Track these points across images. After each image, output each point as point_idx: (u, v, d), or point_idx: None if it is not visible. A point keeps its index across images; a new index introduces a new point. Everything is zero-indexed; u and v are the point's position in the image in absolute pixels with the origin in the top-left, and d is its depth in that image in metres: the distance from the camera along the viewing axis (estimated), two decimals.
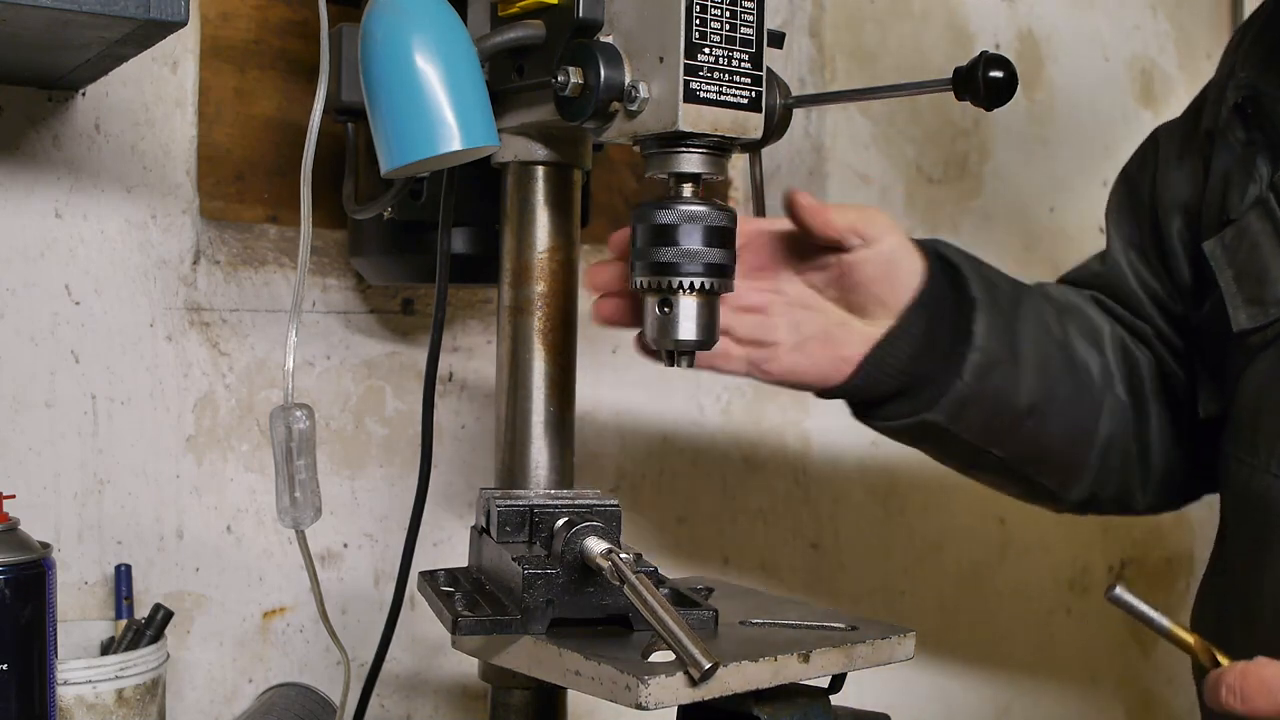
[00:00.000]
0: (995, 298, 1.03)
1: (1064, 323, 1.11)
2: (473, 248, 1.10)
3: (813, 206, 0.97)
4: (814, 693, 0.85)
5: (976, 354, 1.00)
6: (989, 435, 1.06)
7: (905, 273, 0.99)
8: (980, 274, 1.04)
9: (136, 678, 1.05)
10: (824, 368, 1.00)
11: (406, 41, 0.83)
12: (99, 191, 1.15)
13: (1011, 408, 1.04)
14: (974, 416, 1.03)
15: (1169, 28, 1.91)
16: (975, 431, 1.05)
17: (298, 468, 0.87)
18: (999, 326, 1.03)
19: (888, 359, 1.00)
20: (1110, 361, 1.13)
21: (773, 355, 1.01)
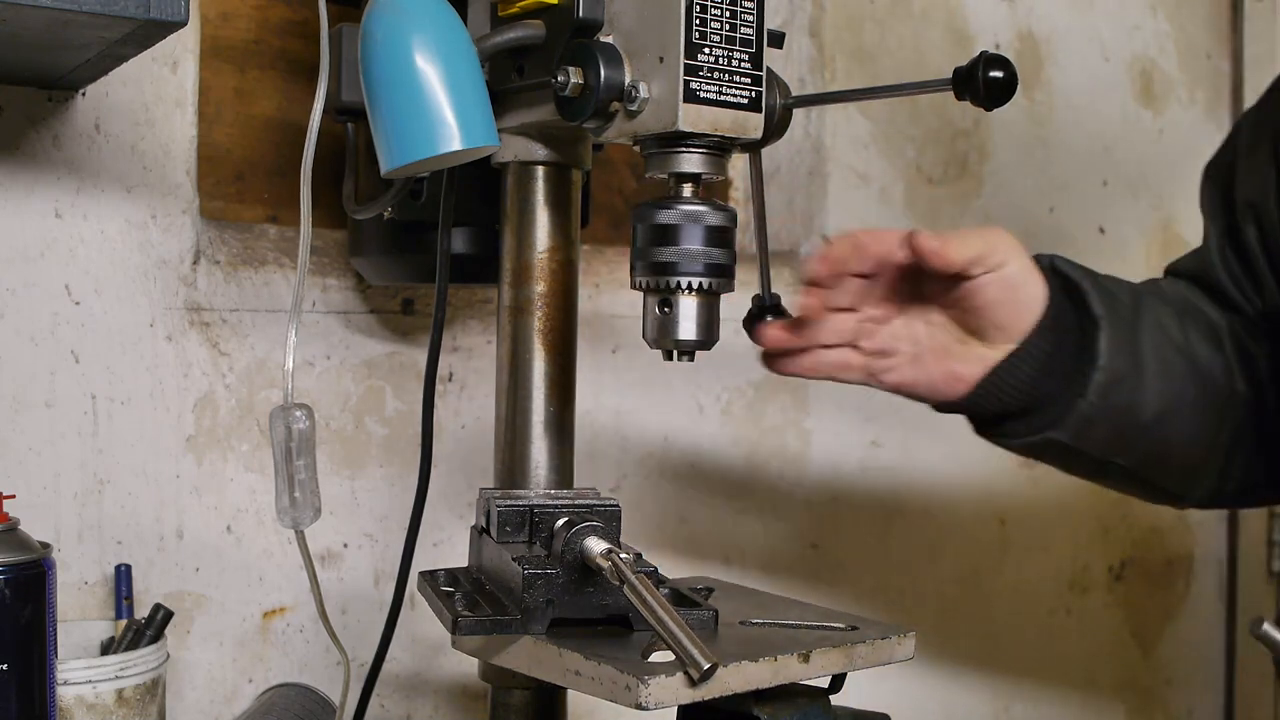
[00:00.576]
0: (1117, 312, 1.02)
1: (1185, 325, 1.08)
2: (473, 248, 1.10)
3: (933, 250, 0.94)
4: (814, 693, 0.85)
5: (1101, 373, 0.99)
6: (1114, 448, 1.04)
7: (1027, 297, 0.97)
8: (1101, 288, 1.02)
9: (136, 678, 1.05)
10: (938, 383, 1.00)
11: (406, 41, 0.83)
12: (99, 191, 1.15)
13: (1137, 420, 1.03)
14: (1099, 432, 1.02)
15: (1169, 28, 1.91)
16: (1100, 445, 1.03)
17: (297, 468, 0.87)
18: (1121, 341, 1.01)
19: (1008, 380, 0.99)
20: (1230, 358, 1.10)
21: (892, 366, 1.00)
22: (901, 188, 1.66)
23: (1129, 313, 1.03)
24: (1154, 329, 1.05)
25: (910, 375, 1.00)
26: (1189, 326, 1.09)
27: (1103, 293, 1.02)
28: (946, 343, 1.00)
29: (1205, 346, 1.09)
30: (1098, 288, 1.02)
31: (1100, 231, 1.81)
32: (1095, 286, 1.02)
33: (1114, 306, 1.02)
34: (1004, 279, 0.96)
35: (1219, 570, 1.96)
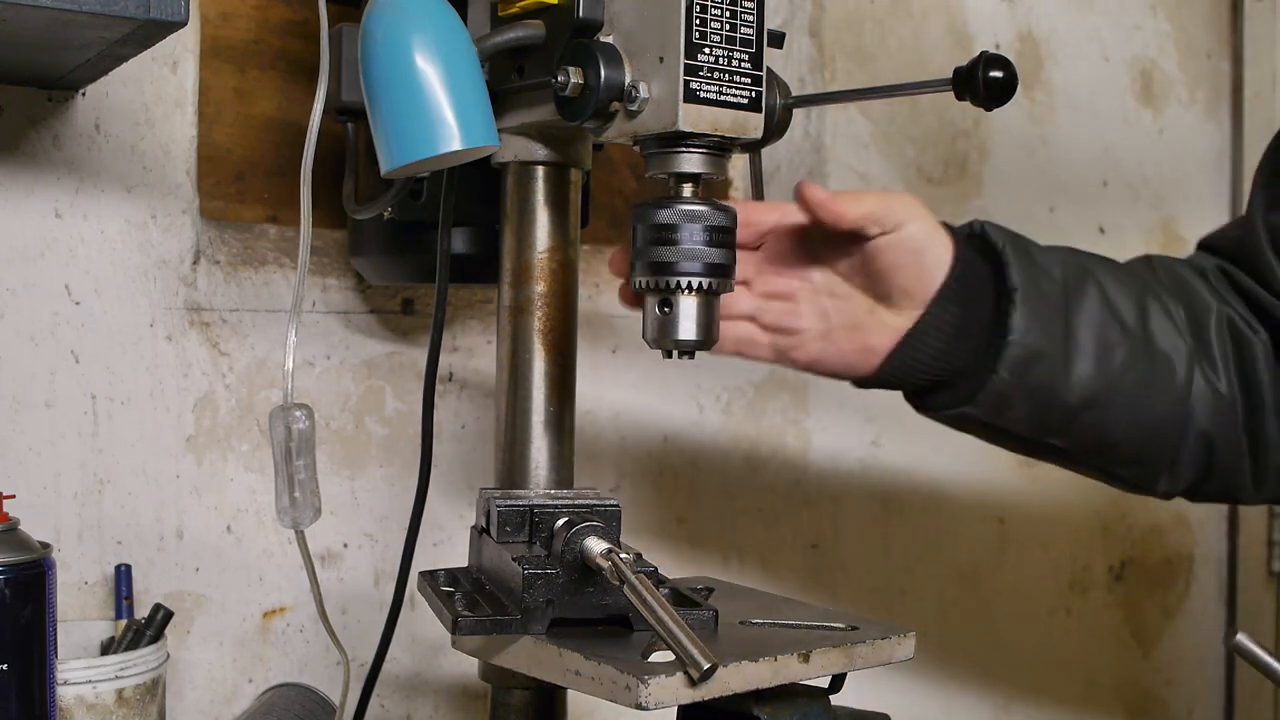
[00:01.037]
0: (1041, 286, 0.98)
1: (1146, 306, 1.03)
2: (473, 248, 1.10)
3: (821, 200, 0.93)
4: (814, 693, 0.85)
5: (1014, 348, 0.96)
6: (1041, 428, 1.01)
7: (931, 260, 0.95)
8: (1027, 258, 0.98)
9: (136, 678, 1.05)
10: (849, 357, 0.98)
11: (406, 41, 0.83)
12: (99, 191, 1.15)
13: (1062, 402, 0.99)
14: (1019, 410, 0.99)
15: (1169, 28, 1.91)
16: (1023, 425, 1.00)
17: (297, 468, 0.87)
18: (1044, 316, 0.97)
19: (916, 352, 0.96)
20: (1212, 347, 1.05)
21: (799, 343, 0.99)
22: (901, 188, 1.66)
23: (1061, 288, 0.99)
24: (1098, 308, 1.00)
25: (819, 351, 0.98)
26: (1151, 308, 1.04)
27: (1027, 264, 0.98)
28: (856, 315, 0.98)
29: (1169, 331, 1.04)
30: (1023, 258, 0.98)
31: (1100, 231, 1.81)
32: (1020, 256, 0.98)
33: (1037, 280, 0.98)
34: (903, 240, 0.94)
35: (1219, 570, 1.96)
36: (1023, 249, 1.00)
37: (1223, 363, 1.06)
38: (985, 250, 1.00)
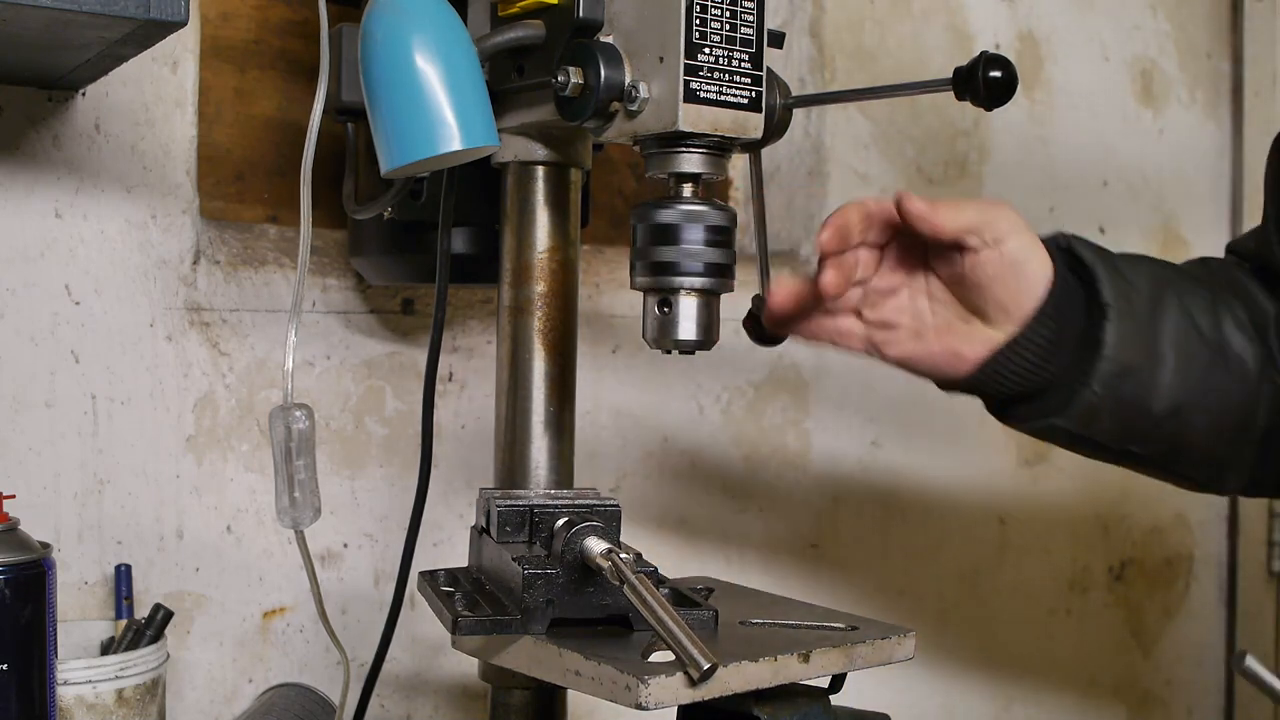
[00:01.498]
0: (1131, 300, 0.98)
1: (1218, 312, 1.04)
2: (473, 248, 1.10)
3: (920, 212, 0.91)
4: (814, 693, 0.85)
5: (1106, 363, 0.96)
6: (1126, 437, 1.02)
7: (1030, 276, 0.95)
8: (1116, 273, 0.99)
9: (136, 678, 1.05)
10: (938, 359, 0.98)
11: (406, 41, 0.83)
12: (99, 191, 1.15)
13: (1148, 412, 1.00)
14: (1107, 422, 0.99)
15: (1169, 28, 1.91)
16: (1110, 435, 1.01)
17: (297, 468, 0.87)
18: (1133, 331, 0.98)
19: (1009, 365, 0.96)
20: (1274, 348, 1.06)
21: (893, 339, 0.99)
22: (901, 187, 1.65)
23: (1147, 301, 1.00)
24: (1177, 317, 1.01)
25: (911, 349, 0.98)
26: (1223, 314, 1.05)
27: (1116, 279, 0.99)
28: (950, 320, 0.98)
29: (1240, 336, 1.05)
30: (1112, 273, 0.99)
31: (1100, 231, 1.81)
32: (1110, 272, 0.99)
33: (1128, 294, 0.99)
34: (1003, 255, 0.94)
35: (1219, 570, 1.96)
36: (1111, 264, 1.01)
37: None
38: (1073, 264, 1.00)
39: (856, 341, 0.99)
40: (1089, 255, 0.99)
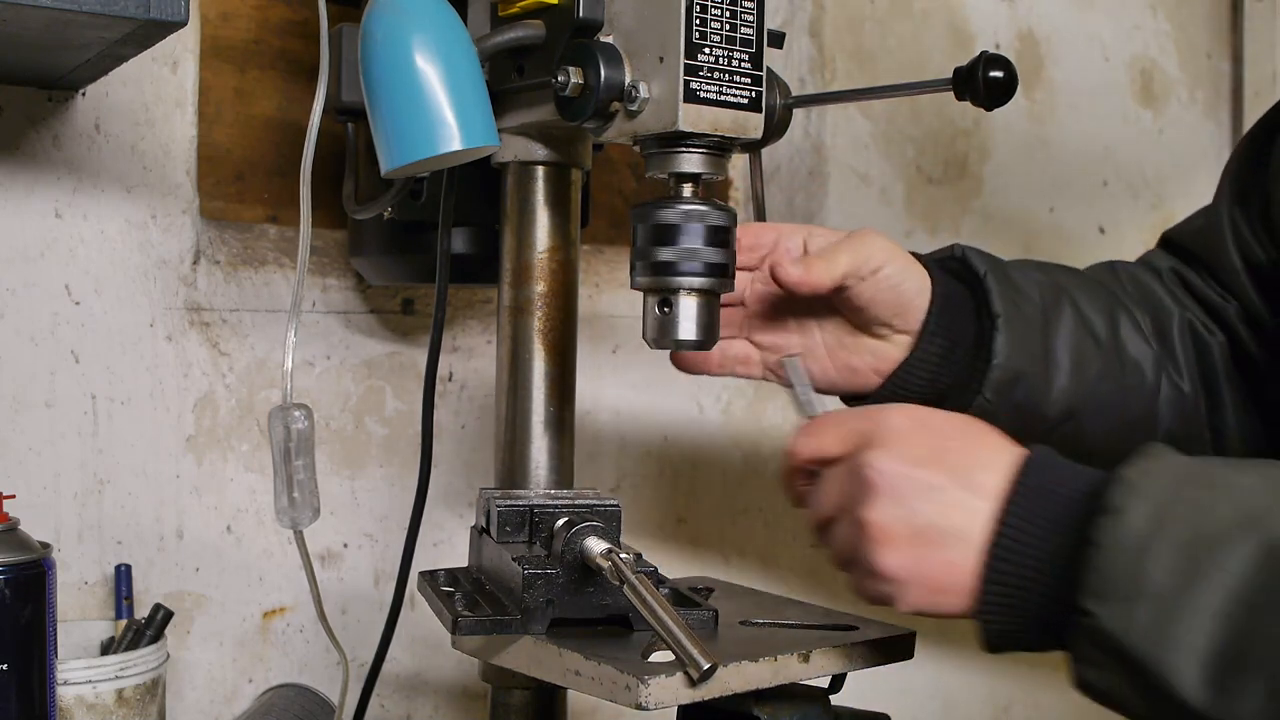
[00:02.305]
0: (1021, 308, 1.00)
1: (1115, 317, 1.07)
2: (473, 248, 1.10)
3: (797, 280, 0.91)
4: (814, 693, 0.85)
5: (997, 370, 0.98)
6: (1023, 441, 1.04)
7: (907, 294, 0.96)
8: (1007, 282, 1.01)
9: (136, 678, 1.05)
10: (833, 376, 1.00)
11: (406, 41, 0.83)
12: (99, 191, 1.15)
13: (1043, 416, 1.02)
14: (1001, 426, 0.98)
15: (1169, 28, 1.91)
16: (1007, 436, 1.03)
17: (296, 468, 0.86)
18: (1025, 339, 1.00)
19: (905, 383, 0.99)
20: (1175, 350, 1.09)
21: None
22: (901, 188, 1.66)
23: (1039, 310, 1.01)
24: (1072, 324, 1.03)
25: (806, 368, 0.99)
26: (1120, 319, 1.07)
27: (1007, 288, 1.00)
28: (840, 336, 0.99)
29: (1137, 339, 1.07)
30: (1003, 283, 1.00)
31: (1100, 231, 1.81)
32: (1000, 282, 1.00)
33: (1018, 303, 1.00)
34: (878, 281, 0.95)
35: None
36: (1003, 274, 1.02)
37: (1185, 365, 1.09)
38: (965, 275, 1.02)
39: (755, 368, 1.01)
40: (981, 266, 1.01)
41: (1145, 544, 0.69)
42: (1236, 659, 0.67)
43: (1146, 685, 0.70)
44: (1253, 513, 0.68)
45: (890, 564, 0.76)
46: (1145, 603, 0.69)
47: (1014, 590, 0.74)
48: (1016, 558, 0.74)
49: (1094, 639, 0.71)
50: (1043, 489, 0.75)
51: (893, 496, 0.76)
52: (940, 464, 0.76)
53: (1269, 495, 0.69)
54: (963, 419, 0.80)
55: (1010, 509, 0.75)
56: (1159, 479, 0.72)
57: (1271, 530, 0.67)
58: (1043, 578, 0.74)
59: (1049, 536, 0.74)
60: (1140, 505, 0.70)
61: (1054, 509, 0.74)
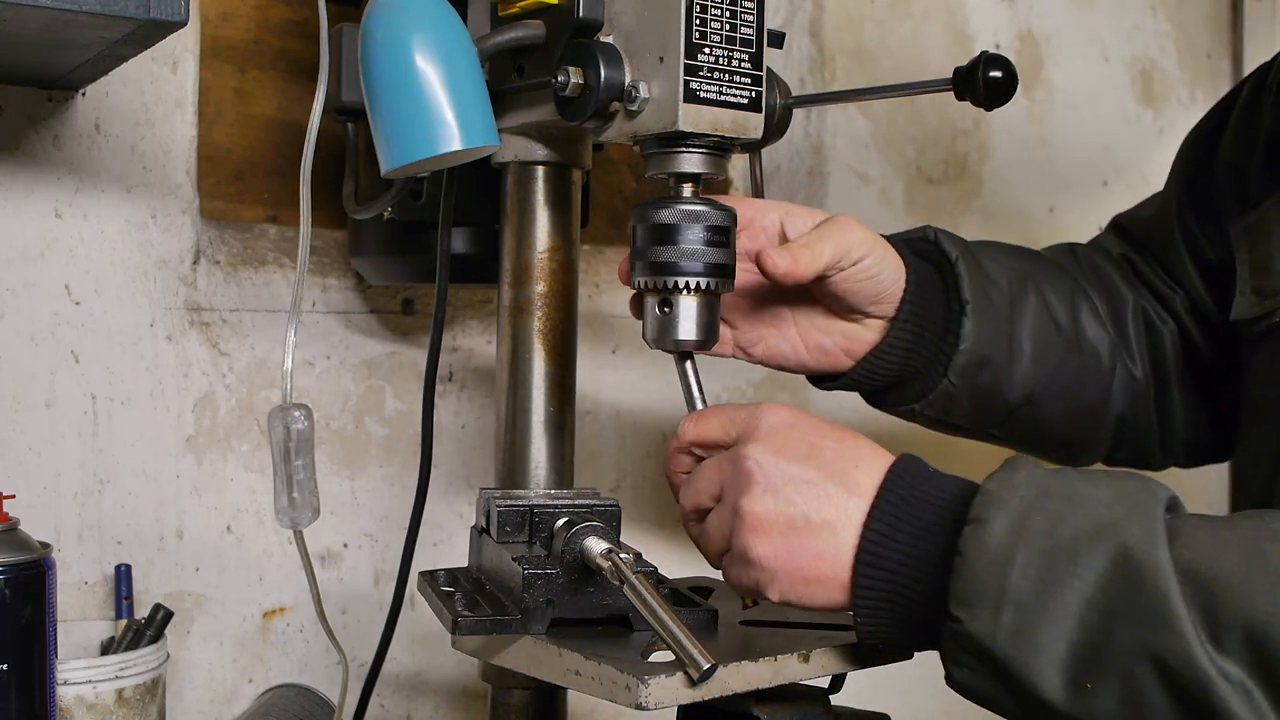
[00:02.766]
0: (989, 294, 1.02)
1: (1076, 304, 1.09)
2: (473, 248, 1.10)
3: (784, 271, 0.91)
4: (814, 693, 0.85)
5: (963, 355, 1.00)
6: (983, 421, 1.07)
7: (885, 283, 0.98)
8: (977, 268, 1.03)
9: (136, 678, 1.05)
10: (803, 356, 1.01)
11: (406, 41, 0.83)
12: (99, 191, 1.15)
13: (1004, 400, 1.05)
14: (964, 408, 1.04)
15: (1169, 28, 1.91)
16: (968, 419, 1.05)
17: (296, 468, 0.86)
18: (991, 325, 1.02)
19: (877, 368, 1.00)
20: (1130, 337, 1.12)
21: (758, 338, 1.01)
22: (901, 188, 1.66)
23: (1005, 295, 1.03)
24: (1037, 311, 1.05)
25: (776, 348, 1.01)
26: (1081, 305, 1.10)
27: (977, 274, 1.02)
28: (811, 317, 1.00)
29: (1095, 325, 1.10)
30: (973, 270, 1.02)
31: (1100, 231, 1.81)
32: (971, 269, 1.02)
33: (986, 290, 1.02)
34: (857, 271, 0.96)
35: None
36: (973, 260, 1.04)
37: (1138, 350, 1.12)
38: (936, 258, 1.03)
39: (726, 346, 1.02)
40: (953, 251, 1.02)
41: (1007, 554, 0.73)
42: (1092, 661, 0.71)
43: (1012, 686, 0.74)
44: (1105, 524, 0.72)
45: (763, 552, 0.79)
46: (1008, 609, 0.72)
47: (883, 594, 0.78)
48: (885, 563, 0.78)
49: (962, 643, 0.75)
50: (910, 497, 0.79)
51: (769, 488, 0.79)
52: (817, 460, 0.80)
53: (1120, 507, 0.73)
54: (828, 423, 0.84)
55: (877, 515, 0.78)
56: (1018, 491, 0.75)
57: (1122, 541, 0.71)
58: (911, 584, 0.77)
59: (916, 544, 0.77)
60: (1001, 516, 0.74)
61: (921, 517, 0.78)
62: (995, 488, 0.76)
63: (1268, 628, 0.68)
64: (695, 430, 0.85)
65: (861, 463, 0.80)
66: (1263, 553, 0.70)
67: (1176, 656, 0.69)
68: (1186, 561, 0.70)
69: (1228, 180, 1.08)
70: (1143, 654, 0.70)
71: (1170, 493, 0.75)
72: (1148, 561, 0.70)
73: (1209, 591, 0.69)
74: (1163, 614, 0.69)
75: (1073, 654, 0.72)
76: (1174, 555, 0.70)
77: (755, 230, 0.98)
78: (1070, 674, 0.72)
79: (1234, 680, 0.68)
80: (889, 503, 0.78)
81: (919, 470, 0.81)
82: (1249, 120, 1.07)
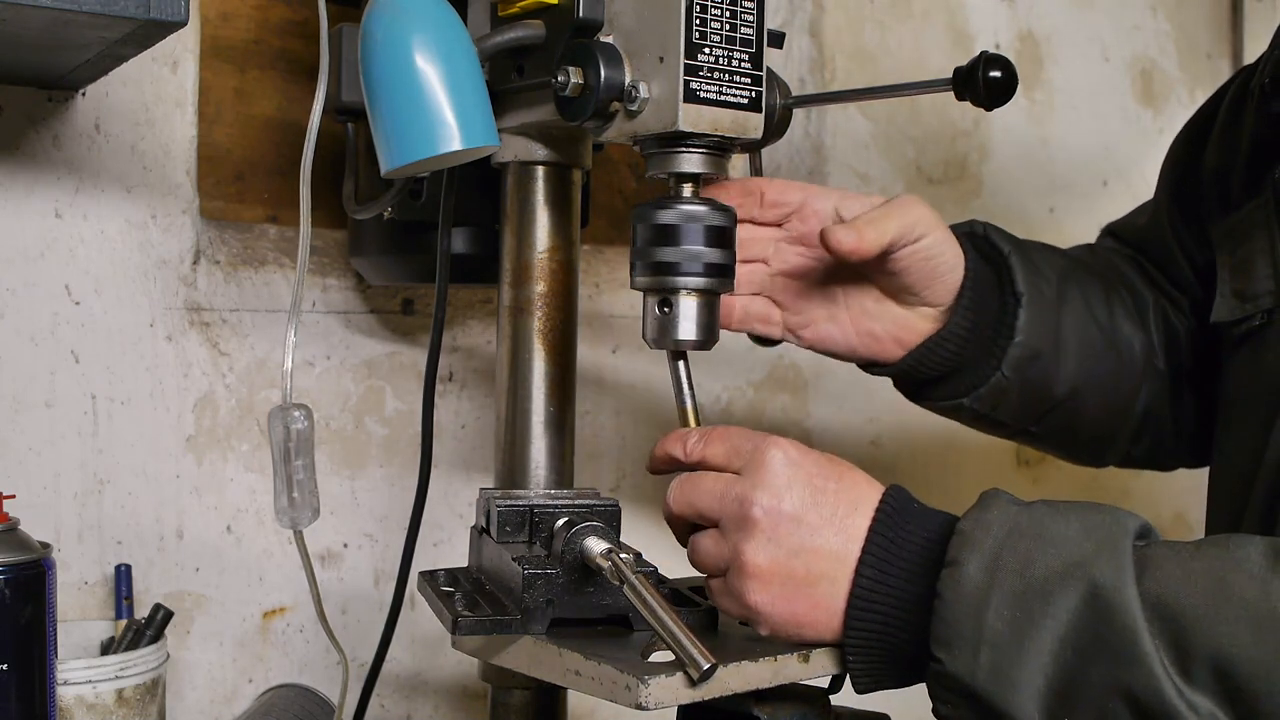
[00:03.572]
0: (1040, 289, 1.02)
1: (1110, 302, 1.10)
2: (473, 248, 1.10)
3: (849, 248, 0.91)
4: (814, 693, 0.85)
5: (1017, 348, 1.00)
6: (1026, 417, 1.06)
7: (942, 267, 0.97)
8: (1029, 263, 1.03)
9: (136, 678, 1.05)
10: (854, 341, 1.00)
11: (406, 41, 0.83)
12: (99, 191, 1.15)
13: (1050, 394, 1.05)
14: (1013, 402, 1.03)
15: (1169, 28, 1.91)
16: (1013, 415, 1.05)
17: (295, 468, 0.86)
18: (1042, 318, 1.02)
19: (931, 356, 1.00)
20: (1154, 336, 1.12)
21: (808, 321, 1.01)
22: (901, 188, 1.66)
23: (1054, 290, 1.04)
24: (1079, 305, 1.06)
25: (826, 332, 1.01)
26: (1115, 302, 1.10)
27: (1029, 269, 1.02)
28: (863, 302, 1.00)
29: (1129, 323, 1.10)
30: (1025, 263, 1.02)
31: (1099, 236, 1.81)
32: (1023, 262, 1.02)
33: (1038, 284, 1.02)
34: (917, 251, 0.95)
35: None
36: (1025, 254, 1.04)
37: (1160, 348, 1.13)
38: (988, 253, 1.03)
39: (775, 328, 1.01)
40: (1005, 245, 1.03)
41: (983, 595, 0.76)
42: (1068, 697, 0.74)
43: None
44: (1075, 562, 0.75)
45: (760, 600, 0.81)
46: (985, 649, 0.75)
47: (873, 636, 0.80)
48: (875, 607, 0.80)
49: (944, 682, 0.78)
50: (897, 539, 0.81)
51: (773, 537, 0.80)
52: (819, 508, 0.81)
53: (1090, 543, 0.76)
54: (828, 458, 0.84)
55: (867, 560, 0.80)
56: (991, 531, 0.78)
57: (1092, 579, 0.74)
58: (899, 626, 0.80)
59: (903, 587, 0.80)
60: (975, 558, 0.77)
61: (905, 559, 0.80)
62: (969, 528, 0.78)
63: (1233, 660, 0.70)
64: (702, 452, 0.85)
65: (859, 504, 0.82)
66: (1227, 585, 0.72)
67: (1146, 692, 0.71)
68: (1154, 596, 0.73)
69: (1212, 184, 1.08)
70: (1114, 690, 0.72)
71: (1140, 521, 0.78)
72: (1116, 600, 0.73)
73: (1177, 624, 0.72)
74: (1132, 652, 0.72)
75: (1050, 690, 0.74)
76: (1142, 591, 0.73)
77: (807, 214, 0.98)
78: (1048, 709, 0.74)
79: (1203, 713, 0.71)
80: (878, 545, 0.80)
81: (905, 508, 0.83)
82: (1233, 124, 1.07)
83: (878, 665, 0.82)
